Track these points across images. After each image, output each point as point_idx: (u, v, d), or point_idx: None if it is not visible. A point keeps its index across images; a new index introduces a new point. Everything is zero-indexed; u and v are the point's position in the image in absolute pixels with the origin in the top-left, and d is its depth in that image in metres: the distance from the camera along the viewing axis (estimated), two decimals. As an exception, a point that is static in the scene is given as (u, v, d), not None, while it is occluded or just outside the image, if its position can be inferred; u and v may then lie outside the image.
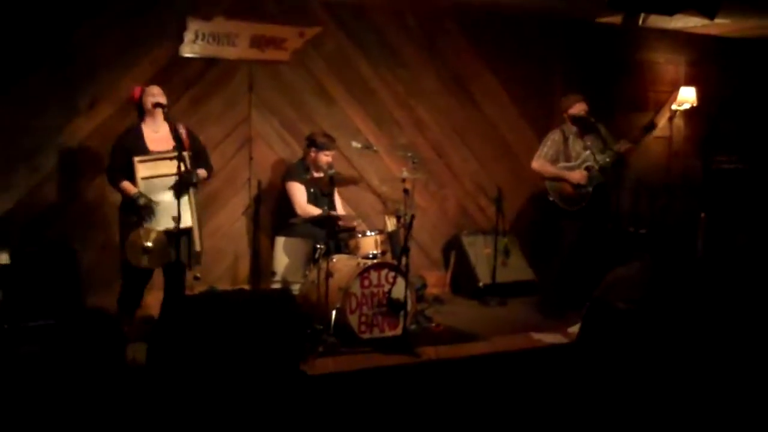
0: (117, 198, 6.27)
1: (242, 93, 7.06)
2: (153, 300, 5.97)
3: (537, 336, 6.16)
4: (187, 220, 5.55)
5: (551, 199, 6.90)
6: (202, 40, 6.79)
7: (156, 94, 5.68)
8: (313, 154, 6.61)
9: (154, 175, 5.53)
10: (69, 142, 6.43)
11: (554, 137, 7.00)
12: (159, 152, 5.60)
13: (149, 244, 5.33)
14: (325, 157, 6.56)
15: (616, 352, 4.02)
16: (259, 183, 6.98)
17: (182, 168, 5.42)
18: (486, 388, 4.87)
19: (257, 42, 7.01)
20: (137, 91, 5.74)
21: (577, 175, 6.84)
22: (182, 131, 5.75)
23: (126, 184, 5.55)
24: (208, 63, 6.89)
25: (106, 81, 6.51)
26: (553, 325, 6.37)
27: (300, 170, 6.66)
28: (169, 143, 5.62)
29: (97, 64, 6.43)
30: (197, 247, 5.67)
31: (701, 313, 4.15)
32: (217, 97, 6.97)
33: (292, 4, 7.13)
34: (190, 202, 5.62)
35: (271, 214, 7.08)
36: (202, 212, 6.89)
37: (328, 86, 7.41)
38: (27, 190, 6.35)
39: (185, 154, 5.54)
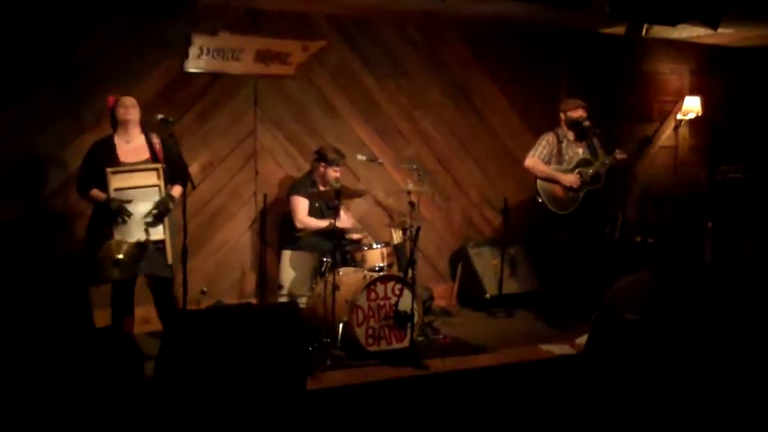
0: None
1: (247, 107, 7.08)
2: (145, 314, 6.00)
3: (545, 347, 6.14)
4: (159, 232, 5.53)
5: (540, 200, 6.90)
6: (207, 55, 6.82)
7: (128, 106, 5.62)
8: (322, 169, 6.62)
9: (127, 187, 5.47)
10: (75, 157, 6.43)
11: (549, 139, 7.02)
12: (131, 163, 5.57)
13: (120, 256, 5.27)
14: (333, 173, 6.58)
15: (624, 363, 4.01)
16: (265, 197, 6.99)
17: (160, 182, 5.45)
18: (494, 400, 4.85)
19: (262, 56, 7.03)
20: (111, 100, 5.68)
21: (570, 178, 6.86)
22: (156, 142, 5.72)
23: (95, 191, 5.49)
24: (213, 78, 6.91)
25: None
26: (561, 336, 6.36)
27: (306, 184, 6.67)
28: (142, 154, 5.63)
29: (103, 80, 6.44)
30: (169, 260, 5.60)
31: (709, 322, 4.13)
32: (223, 111, 6.99)
33: (296, 19, 7.16)
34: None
35: (278, 227, 7.08)
36: (207, 228, 6.94)
37: (333, 99, 7.43)
38: (33, 204, 6.36)
39: (160, 166, 5.55)
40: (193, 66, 6.79)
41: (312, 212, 6.65)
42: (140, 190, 5.50)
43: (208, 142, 6.93)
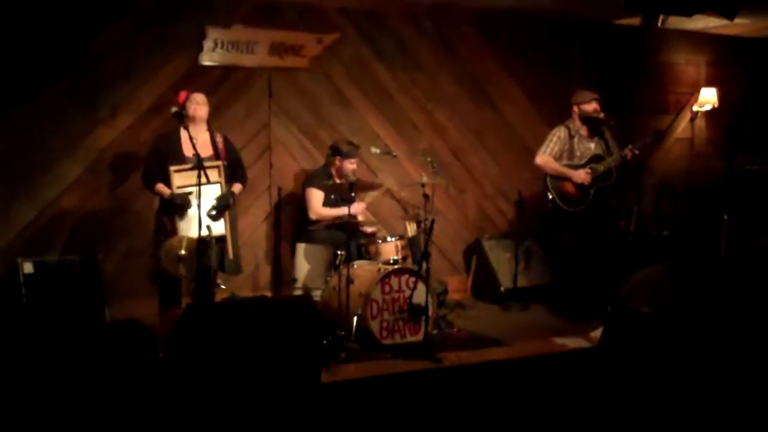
0: (139, 206, 6.33)
1: (262, 100, 7.09)
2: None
3: (559, 341, 6.13)
4: (220, 228, 5.62)
5: (551, 197, 6.88)
6: (222, 48, 6.83)
7: (199, 103, 5.79)
8: (338, 162, 6.62)
9: (190, 184, 5.53)
10: (90, 152, 6.46)
11: (560, 134, 6.96)
12: (195, 160, 5.59)
13: (183, 252, 5.39)
14: (350, 165, 6.57)
15: (639, 357, 3.99)
16: (280, 190, 7.00)
17: (221, 179, 5.57)
18: (508, 393, 4.84)
19: (276, 49, 7.03)
20: (182, 95, 5.79)
21: (582, 175, 6.81)
22: (219, 140, 5.83)
23: (161, 186, 5.65)
24: (227, 71, 6.92)
25: (126, 90, 6.55)
26: (576, 329, 6.34)
27: (322, 177, 6.67)
28: (206, 151, 5.72)
29: (117, 74, 6.47)
30: (230, 255, 5.72)
31: (725, 315, 4.11)
32: (237, 104, 7.00)
33: (309, 11, 7.15)
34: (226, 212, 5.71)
35: (292, 221, 7.10)
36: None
37: (347, 92, 7.42)
38: (49, 200, 6.39)
39: (221, 164, 5.66)
40: (207, 59, 6.80)
41: (326, 205, 6.65)
42: (204, 186, 5.54)
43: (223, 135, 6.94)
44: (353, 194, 6.25)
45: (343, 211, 6.35)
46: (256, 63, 6.98)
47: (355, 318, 5.78)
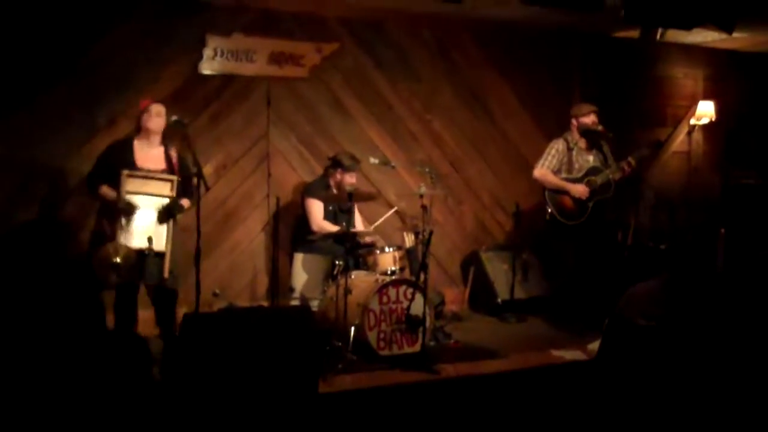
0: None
1: (260, 109, 7.09)
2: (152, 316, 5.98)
3: (556, 353, 6.12)
4: (161, 245, 5.49)
5: (549, 210, 6.88)
6: (221, 56, 6.84)
7: (153, 115, 5.62)
8: (339, 176, 6.63)
9: (139, 192, 5.45)
10: (89, 159, 6.45)
11: (558, 147, 6.97)
12: (148, 170, 5.56)
13: (118, 260, 5.21)
14: (350, 179, 6.58)
15: (636, 369, 3.99)
16: (278, 199, 6.99)
17: (173, 194, 5.48)
18: (505, 405, 4.84)
19: (276, 58, 7.04)
20: (143, 103, 5.71)
21: (580, 189, 6.82)
22: (173, 155, 5.74)
23: (105, 189, 5.46)
24: (226, 79, 6.93)
25: (125, 98, 6.54)
26: (573, 341, 6.34)
27: (320, 187, 6.67)
28: (158, 163, 5.64)
29: (117, 81, 6.48)
30: (165, 274, 5.53)
31: (722, 329, 4.12)
32: (236, 113, 7.00)
33: (309, 21, 7.17)
34: (168, 228, 5.55)
35: (290, 230, 7.09)
36: (219, 230, 6.95)
37: (346, 102, 7.44)
38: (48, 206, 6.39)
39: (175, 179, 5.56)
40: (207, 67, 6.81)
41: (326, 215, 6.66)
42: (152, 198, 5.50)
43: (222, 143, 6.95)
44: (350, 205, 6.27)
45: (343, 229, 6.33)
46: (255, 72, 6.99)
47: (353, 328, 5.77)
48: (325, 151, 7.07)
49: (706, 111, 8.79)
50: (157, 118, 5.64)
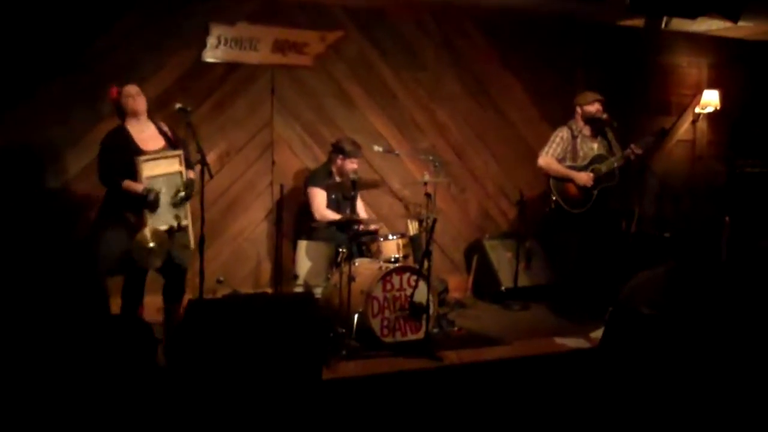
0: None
1: (264, 97, 7.09)
2: (152, 303, 5.98)
3: (560, 340, 6.14)
4: (184, 219, 5.58)
5: (554, 198, 6.88)
6: (225, 45, 6.83)
7: (135, 96, 5.58)
8: (339, 162, 6.63)
9: (156, 174, 5.47)
10: (92, 147, 6.45)
11: (562, 135, 6.96)
12: (155, 151, 5.56)
13: (152, 244, 5.30)
14: (351, 165, 6.59)
15: (639, 358, 4.00)
16: (282, 187, 7.00)
17: (182, 168, 5.51)
18: (508, 392, 4.85)
19: (279, 47, 7.04)
20: (113, 91, 5.61)
21: (584, 177, 6.82)
22: (167, 129, 5.73)
23: (130, 183, 5.41)
24: (230, 68, 6.93)
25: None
26: (576, 329, 6.35)
27: (323, 175, 6.68)
28: (158, 142, 5.63)
29: (120, 70, 6.45)
30: (191, 244, 5.65)
31: (726, 317, 4.12)
32: (240, 101, 7.00)
33: (313, 9, 7.16)
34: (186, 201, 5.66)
35: (294, 218, 7.11)
36: (223, 217, 6.97)
37: (350, 90, 7.43)
38: (51, 194, 6.40)
39: (181, 153, 5.59)
40: (210, 56, 6.80)
41: (329, 204, 6.66)
42: (167, 177, 5.53)
43: (225, 131, 6.96)
44: (354, 192, 6.28)
45: (346, 216, 6.35)
46: (259, 60, 6.99)
47: (356, 316, 5.78)
48: (329, 139, 7.06)
49: (710, 100, 8.77)
50: (139, 97, 5.60)
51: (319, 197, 6.62)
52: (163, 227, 5.45)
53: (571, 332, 6.31)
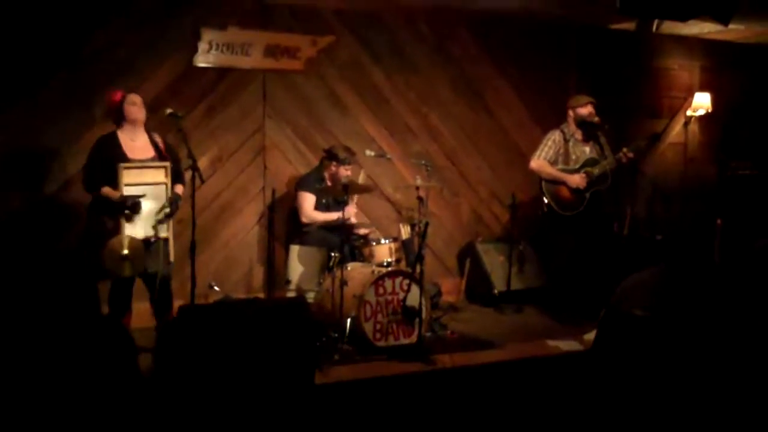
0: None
1: (256, 102, 7.08)
2: (142, 310, 5.99)
3: (552, 343, 6.14)
4: (164, 230, 5.57)
5: (546, 201, 6.89)
6: (217, 49, 6.82)
7: (138, 105, 5.65)
8: (333, 168, 6.64)
9: (137, 183, 5.49)
10: (84, 151, 6.43)
11: (554, 138, 6.98)
12: (140, 160, 5.59)
13: (126, 251, 5.31)
14: (345, 171, 6.59)
15: (632, 360, 4.00)
16: (274, 192, 7.00)
17: (167, 180, 5.51)
18: (501, 395, 4.84)
19: (271, 51, 7.03)
20: (117, 95, 5.66)
21: (577, 179, 6.83)
22: (159, 141, 5.76)
23: (108, 189, 5.46)
24: (222, 73, 6.92)
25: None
26: (569, 332, 6.35)
27: (313, 180, 6.68)
28: (147, 152, 5.66)
29: (112, 74, 6.45)
30: (171, 257, 5.66)
31: (718, 319, 4.12)
32: (232, 106, 6.99)
33: (305, 13, 7.15)
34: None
35: (286, 223, 7.10)
36: (215, 223, 6.96)
37: (342, 95, 7.43)
38: (45, 197, 6.38)
39: (168, 164, 5.59)
40: (202, 60, 6.79)
41: (319, 208, 6.66)
42: (149, 187, 5.53)
43: (217, 136, 6.94)
44: (347, 197, 6.27)
45: (334, 216, 6.38)
46: (250, 65, 6.98)
47: (349, 320, 5.78)
48: (321, 144, 7.07)
49: (702, 102, 8.79)
50: (142, 107, 5.68)
51: (307, 201, 6.62)
52: (140, 236, 5.45)
53: (563, 335, 6.31)
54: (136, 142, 5.65)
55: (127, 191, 5.43)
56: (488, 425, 4.38)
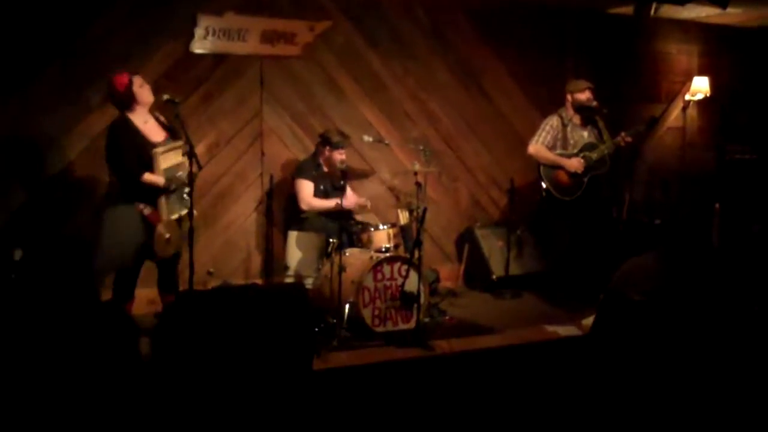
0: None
1: (253, 88, 7.05)
2: (148, 295, 6.03)
3: (551, 328, 6.15)
4: (189, 205, 5.58)
5: (544, 186, 6.89)
6: (213, 35, 6.79)
7: (147, 86, 5.64)
8: (327, 153, 6.62)
9: (170, 165, 5.52)
10: (82, 139, 6.43)
11: (552, 122, 6.98)
12: (162, 142, 5.59)
13: (167, 235, 5.47)
14: (339, 156, 6.58)
15: (630, 344, 4.00)
16: (271, 178, 6.98)
17: (188, 158, 5.45)
18: (500, 381, 4.86)
19: (268, 37, 6.99)
20: (123, 78, 5.55)
21: (575, 163, 6.83)
22: (164, 120, 5.78)
23: (150, 176, 5.44)
24: (218, 59, 6.88)
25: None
26: (567, 317, 6.36)
27: (310, 167, 6.67)
28: (161, 133, 5.66)
29: (109, 61, 6.40)
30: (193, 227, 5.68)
31: (716, 303, 4.12)
32: (229, 92, 6.97)
33: (302, -1, 7.13)
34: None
35: (284, 208, 7.09)
36: (213, 209, 6.95)
37: (339, 80, 7.40)
38: (41, 186, 6.36)
39: (183, 143, 5.57)
40: (198, 47, 6.76)
41: (317, 194, 6.66)
42: (176, 168, 5.57)
43: (215, 123, 6.92)
44: (343, 182, 6.26)
45: (333, 202, 6.37)
46: (247, 51, 6.95)
47: (347, 306, 5.79)
48: (319, 130, 7.04)
49: (700, 86, 8.79)
50: (148, 88, 5.66)
51: (305, 188, 6.61)
52: (174, 216, 5.56)
53: (562, 320, 6.33)
54: (147, 125, 5.63)
55: (165, 175, 5.47)
56: (487, 411, 4.39)
